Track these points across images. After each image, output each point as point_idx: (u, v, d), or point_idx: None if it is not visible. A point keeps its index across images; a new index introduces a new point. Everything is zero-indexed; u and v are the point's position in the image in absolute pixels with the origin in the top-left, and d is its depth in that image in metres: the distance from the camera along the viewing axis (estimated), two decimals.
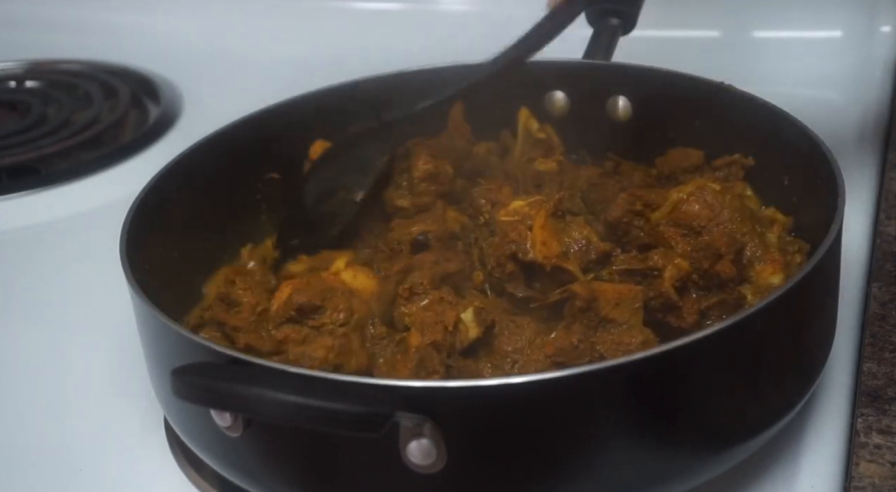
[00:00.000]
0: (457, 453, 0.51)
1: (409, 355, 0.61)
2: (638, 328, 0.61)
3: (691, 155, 0.77)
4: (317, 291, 0.64)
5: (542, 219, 0.66)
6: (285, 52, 1.20)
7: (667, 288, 0.62)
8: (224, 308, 0.68)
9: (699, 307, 0.63)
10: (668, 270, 0.63)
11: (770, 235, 0.68)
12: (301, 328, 0.63)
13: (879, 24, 1.09)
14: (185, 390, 0.52)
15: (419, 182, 0.72)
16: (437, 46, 0.90)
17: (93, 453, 0.69)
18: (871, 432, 0.62)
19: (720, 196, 0.67)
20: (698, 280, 0.64)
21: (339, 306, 0.64)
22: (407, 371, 0.60)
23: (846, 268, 0.66)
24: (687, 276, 0.63)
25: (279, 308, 0.64)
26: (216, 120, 0.77)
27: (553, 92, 0.83)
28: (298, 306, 0.63)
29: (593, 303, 0.61)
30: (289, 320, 0.63)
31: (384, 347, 0.63)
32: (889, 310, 0.71)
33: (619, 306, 0.61)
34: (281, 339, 0.63)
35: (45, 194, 1.00)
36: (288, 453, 0.56)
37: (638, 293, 0.62)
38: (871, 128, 0.95)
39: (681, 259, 0.63)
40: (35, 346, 0.80)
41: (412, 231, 0.69)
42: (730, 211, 0.66)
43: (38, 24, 1.33)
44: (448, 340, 0.62)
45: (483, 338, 0.63)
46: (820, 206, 0.63)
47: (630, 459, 0.54)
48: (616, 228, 0.68)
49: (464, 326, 0.62)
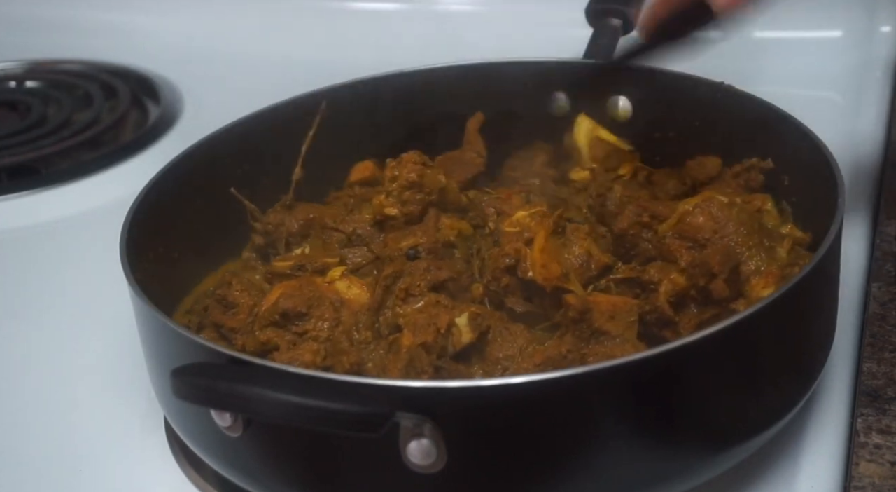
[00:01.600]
0: (457, 453, 0.51)
1: (400, 355, 0.61)
2: (632, 342, 0.61)
3: (708, 164, 0.76)
4: (304, 298, 0.64)
5: (541, 241, 0.65)
6: (285, 52, 1.20)
7: (661, 303, 0.62)
8: (221, 310, 0.68)
9: (696, 322, 0.63)
10: (663, 285, 0.62)
11: (780, 249, 0.67)
12: (283, 334, 0.63)
13: (879, 24, 1.09)
14: (185, 390, 0.52)
15: (402, 191, 0.72)
16: (437, 46, 0.90)
17: (93, 453, 0.69)
18: (871, 431, 0.62)
19: (726, 208, 0.66)
20: (696, 296, 0.64)
21: (325, 315, 0.64)
22: (397, 371, 0.60)
23: (846, 268, 0.66)
24: (684, 291, 0.63)
25: (267, 310, 0.64)
26: (216, 120, 0.77)
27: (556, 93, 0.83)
28: (283, 311, 0.63)
29: (586, 314, 0.61)
30: (273, 324, 0.63)
31: (371, 351, 0.63)
32: (889, 310, 0.71)
33: (614, 319, 0.61)
34: (264, 341, 0.63)
35: (45, 194, 1.00)
36: (288, 453, 0.56)
37: (633, 306, 0.61)
38: (871, 128, 0.95)
39: (677, 274, 0.63)
40: (35, 346, 0.80)
41: (402, 246, 0.69)
42: (735, 224, 0.65)
43: (38, 24, 1.33)
44: (439, 342, 0.62)
45: (476, 343, 0.63)
46: (820, 206, 0.63)
47: (630, 459, 0.54)
48: (623, 240, 0.68)
49: (457, 330, 0.63)
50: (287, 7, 1.28)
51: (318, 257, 0.71)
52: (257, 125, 0.78)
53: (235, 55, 1.22)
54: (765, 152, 0.73)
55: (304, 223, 0.74)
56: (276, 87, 0.82)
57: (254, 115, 0.78)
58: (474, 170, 0.80)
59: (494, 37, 1.09)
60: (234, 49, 1.23)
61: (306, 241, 0.74)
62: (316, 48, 1.18)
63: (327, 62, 0.96)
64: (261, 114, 0.79)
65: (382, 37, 1.19)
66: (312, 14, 1.26)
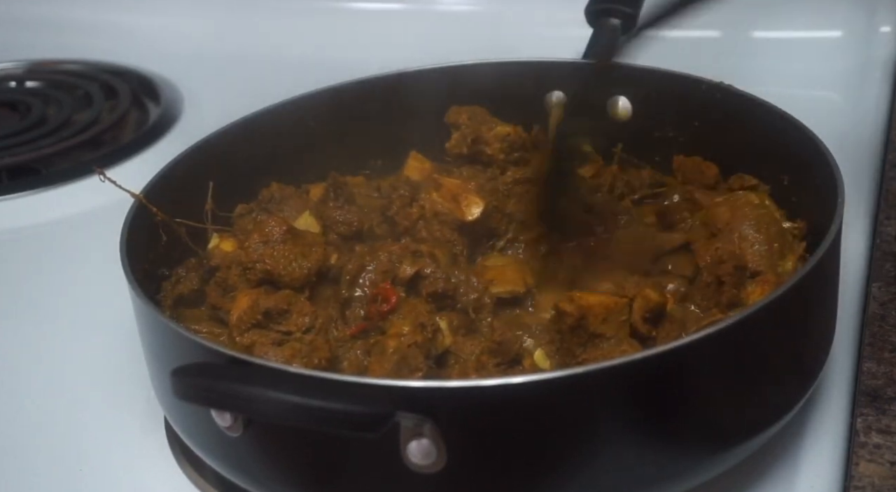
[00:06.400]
0: (457, 453, 0.51)
1: (387, 356, 0.61)
2: (627, 342, 0.61)
3: (706, 170, 0.76)
4: (283, 296, 0.64)
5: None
6: (285, 52, 1.20)
7: (635, 320, 0.62)
8: (220, 293, 0.68)
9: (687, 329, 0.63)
10: (637, 301, 0.62)
11: (788, 262, 0.67)
12: (268, 333, 0.63)
13: (879, 24, 1.09)
14: (185, 390, 0.52)
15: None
16: (437, 46, 0.90)
17: (93, 453, 0.69)
18: (871, 431, 0.62)
19: (749, 207, 0.69)
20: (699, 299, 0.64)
21: (304, 310, 0.63)
22: (385, 371, 0.60)
23: (846, 268, 0.66)
24: (657, 307, 0.62)
25: (242, 315, 0.63)
26: (216, 120, 0.77)
27: (552, 92, 0.83)
28: (265, 311, 0.63)
29: (583, 320, 0.61)
30: (255, 326, 0.63)
31: (347, 349, 0.63)
32: (889, 310, 0.71)
33: (607, 321, 0.61)
34: (248, 345, 0.63)
35: (45, 194, 1.00)
36: (288, 453, 0.56)
37: (623, 306, 0.62)
38: (871, 128, 0.95)
39: (650, 290, 0.63)
40: (35, 346, 0.80)
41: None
42: (750, 220, 0.67)
43: (38, 24, 1.33)
44: (427, 344, 0.62)
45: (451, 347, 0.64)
46: (820, 206, 0.63)
47: (629, 459, 0.54)
48: (665, 216, 0.72)
49: (441, 334, 0.63)
50: (287, 7, 1.28)
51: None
52: (258, 125, 0.78)
53: (235, 55, 1.22)
54: (764, 152, 0.73)
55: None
56: (276, 87, 0.82)
57: (254, 115, 0.78)
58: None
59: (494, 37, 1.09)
60: (234, 49, 1.23)
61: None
62: (316, 48, 1.18)
63: (327, 62, 0.96)
64: (261, 114, 0.79)
65: (382, 37, 1.19)
66: (312, 14, 1.26)
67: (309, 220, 0.72)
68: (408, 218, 0.72)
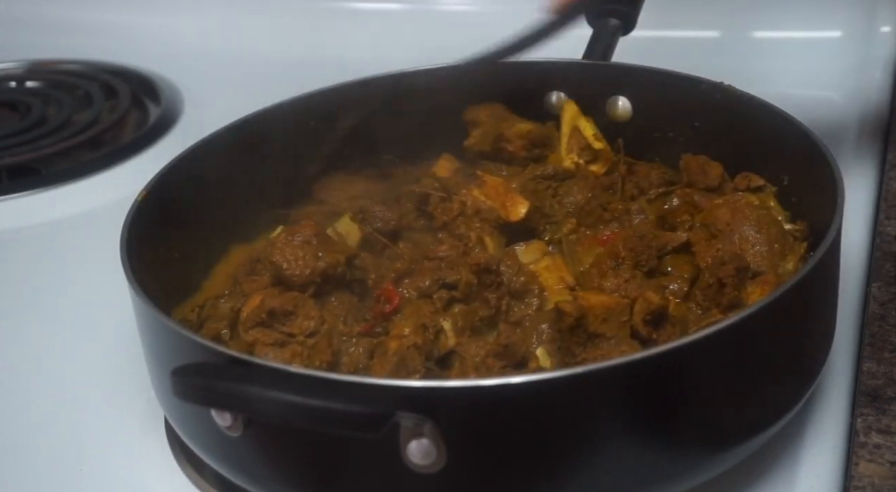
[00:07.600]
0: (457, 453, 0.51)
1: (388, 358, 0.61)
2: (627, 342, 0.61)
3: (711, 170, 0.75)
4: (290, 297, 0.64)
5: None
6: (285, 52, 1.20)
7: (636, 322, 0.62)
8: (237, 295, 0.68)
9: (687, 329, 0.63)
10: (638, 303, 0.62)
11: (789, 263, 0.67)
12: (271, 333, 0.63)
13: (879, 24, 1.09)
14: (185, 390, 0.52)
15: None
16: (437, 46, 0.90)
17: (93, 453, 0.69)
18: (871, 431, 0.62)
19: (749, 208, 0.68)
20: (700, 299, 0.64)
21: (311, 314, 0.63)
22: (384, 373, 0.60)
23: (846, 268, 0.66)
24: (659, 310, 0.62)
25: (253, 310, 0.63)
26: (216, 120, 0.77)
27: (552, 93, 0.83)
28: (270, 310, 0.63)
29: (582, 320, 0.61)
30: (259, 324, 0.63)
31: (350, 345, 0.63)
32: (889, 310, 0.71)
33: (607, 321, 0.61)
34: (251, 342, 0.63)
35: (45, 194, 1.00)
36: (288, 453, 0.56)
37: (624, 306, 0.62)
38: (871, 128, 0.95)
39: (651, 292, 0.63)
40: (35, 346, 0.80)
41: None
42: (751, 222, 0.67)
43: (38, 24, 1.33)
44: (427, 346, 0.62)
45: (455, 348, 0.63)
46: (820, 206, 0.63)
47: (629, 459, 0.54)
48: (666, 218, 0.72)
49: (444, 335, 0.63)
50: (287, 7, 1.28)
51: None
52: (257, 125, 0.78)
53: (235, 55, 1.22)
54: (764, 152, 0.73)
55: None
56: (276, 87, 0.82)
57: (254, 115, 0.78)
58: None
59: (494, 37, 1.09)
60: (234, 49, 1.23)
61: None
62: (316, 48, 1.18)
63: (327, 62, 0.96)
64: (261, 114, 0.79)
65: (382, 37, 1.19)
66: (312, 14, 1.26)
67: (349, 225, 0.72)
68: (447, 213, 0.72)
